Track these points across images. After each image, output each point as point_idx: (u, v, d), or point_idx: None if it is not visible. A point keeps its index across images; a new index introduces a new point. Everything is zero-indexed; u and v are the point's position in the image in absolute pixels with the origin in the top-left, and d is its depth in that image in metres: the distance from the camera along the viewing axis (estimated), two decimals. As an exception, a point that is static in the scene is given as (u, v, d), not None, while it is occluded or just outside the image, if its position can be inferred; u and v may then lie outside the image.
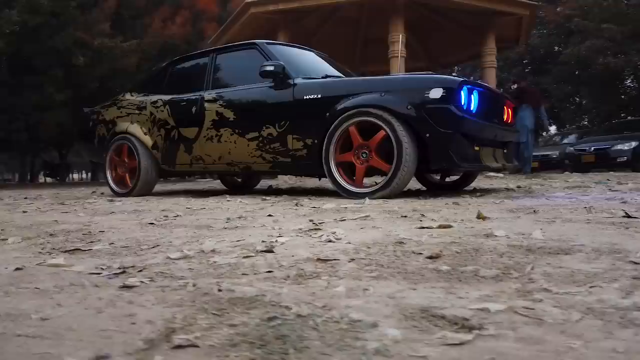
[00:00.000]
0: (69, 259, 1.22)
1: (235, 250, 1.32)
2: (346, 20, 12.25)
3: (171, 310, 0.75)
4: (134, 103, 5.08)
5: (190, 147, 4.57)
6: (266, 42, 4.48)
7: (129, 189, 4.92)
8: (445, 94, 3.37)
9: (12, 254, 1.32)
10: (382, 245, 1.29)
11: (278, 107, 4.04)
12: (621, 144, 11.55)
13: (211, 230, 1.78)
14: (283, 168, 4.13)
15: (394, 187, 3.46)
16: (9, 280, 0.97)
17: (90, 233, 1.81)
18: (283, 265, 1.07)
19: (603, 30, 14.58)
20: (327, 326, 0.65)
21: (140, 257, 1.26)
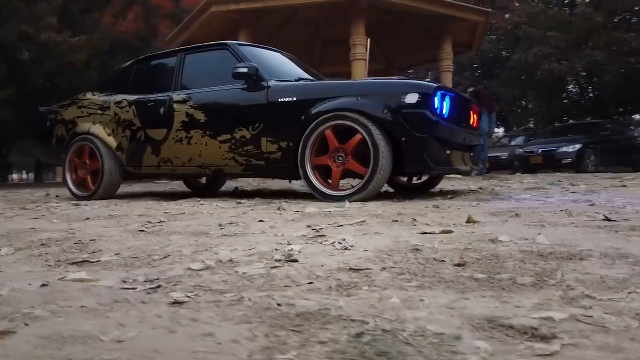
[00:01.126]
0: (88, 272, 1.17)
1: (254, 259, 1.31)
2: (306, 21, 12.28)
3: (245, 327, 0.74)
4: (96, 103, 4.90)
5: (157, 148, 4.45)
6: (237, 43, 4.44)
7: (90, 191, 4.74)
8: (421, 99, 3.45)
9: (21, 267, 1.25)
10: (400, 252, 1.32)
11: (251, 109, 4.01)
12: (566, 147, 12.16)
13: (211, 238, 1.75)
14: (256, 171, 4.10)
15: (370, 190, 3.51)
16: (43, 298, 0.92)
17: (82, 242, 1.74)
18: (319, 275, 1.07)
19: (548, 37, 15.30)
20: (417, 340, 0.66)
21: (158, 269, 1.23)
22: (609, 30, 15.17)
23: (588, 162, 12.04)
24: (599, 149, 12.33)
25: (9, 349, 0.67)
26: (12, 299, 0.92)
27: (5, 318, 0.79)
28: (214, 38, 9.59)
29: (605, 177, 7.94)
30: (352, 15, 9.55)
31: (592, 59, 15.02)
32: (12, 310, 0.84)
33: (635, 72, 15.56)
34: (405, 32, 11.80)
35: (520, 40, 16.59)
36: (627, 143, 13.44)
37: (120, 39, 17.79)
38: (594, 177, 7.74)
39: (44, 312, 0.82)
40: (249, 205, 3.49)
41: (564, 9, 17.50)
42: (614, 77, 15.21)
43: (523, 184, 6.10)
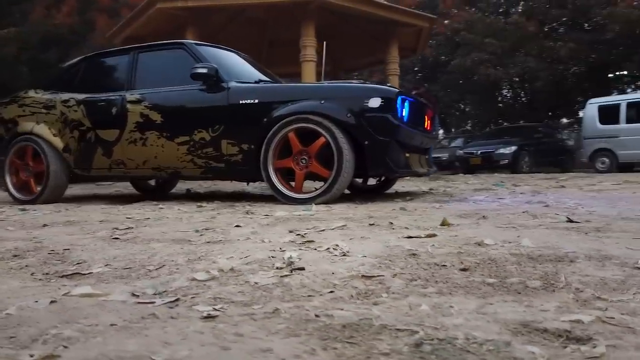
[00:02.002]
0: (93, 287, 1.11)
1: (255, 267, 1.29)
2: (253, 21, 12.17)
3: (296, 340, 0.73)
4: (40, 101, 4.63)
5: (109, 150, 4.28)
6: (194, 43, 4.34)
7: (34, 195, 4.48)
8: (384, 103, 3.53)
9: (10, 282, 1.17)
10: (399, 257, 1.35)
11: (211, 111, 3.94)
12: (503, 148, 12.81)
13: (196, 245, 1.71)
14: (216, 173, 4.03)
15: (334, 192, 3.55)
16: (59, 316, 0.87)
17: (56, 252, 1.65)
18: (336, 284, 1.08)
19: (486, 44, 16.03)
20: (474, 348, 0.69)
21: (160, 280, 1.19)
22: (540, 39, 16.10)
23: (523, 163, 12.74)
24: (532, 150, 13.08)
25: None
26: (27, 318, 0.86)
27: (36, 340, 0.74)
28: (159, 35, 9.33)
29: (541, 177, 8.44)
30: (301, 17, 9.58)
31: (525, 66, 15.89)
32: (37, 331, 0.79)
33: (563, 79, 16.62)
34: (352, 35, 11.97)
35: (460, 46, 17.26)
36: (556, 145, 14.34)
37: (54, 33, 16.87)
38: (531, 178, 8.21)
39: (74, 333, 0.77)
40: (212, 208, 3.43)
41: (499, 17, 18.39)
42: (545, 84, 16.17)
43: (469, 185, 6.37)
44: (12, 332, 0.78)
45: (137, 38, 9.42)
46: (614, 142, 11.72)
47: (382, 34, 10.81)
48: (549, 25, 17.52)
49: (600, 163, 12.03)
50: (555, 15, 16.33)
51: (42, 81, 5.00)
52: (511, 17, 16.97)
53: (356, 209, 3.07)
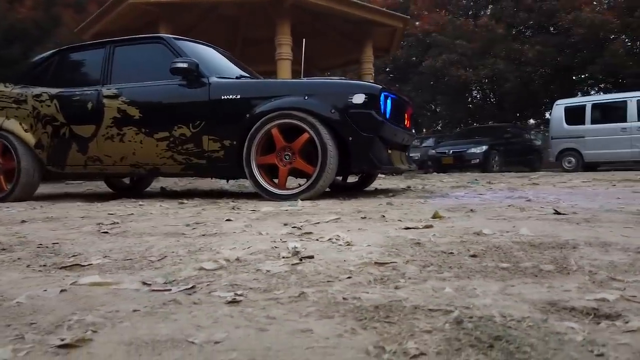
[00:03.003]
0: (101, 276, 1.07)
1: (261, 257, 1.27)
2: (226, 19, 12.05)
3: (334, 322, 0.72)
4: (10, 96, 4.46)
5: (85, 146, 4.15)
6: (173, 37, 4.26)
7: (4, 193, 4.31)
8: (368, 100, 3.54)
9: (9, 274, 1.11)
10: (404, 246, 1.35)
11: (192, 107, 3.87)
12: (474, 148, 13.06)
13: (192, 238, 1.67)
14: (197, 170, 3.96)
15: (318, 188, 3.53)
16: (74, 304, 0.83)
17: (44, 246, 1.59)
18: (351, 270, 1.07)
19: (456, 45, 16.31)
20: (515, 324, 0.69)
21: (166, 270, 1.16)
22: (509, 42, 16.49)
23: (493, 162, 13.01)
24: (502, 150, 13.37)
25: (101, 357, 0.60)
26: (40, 306, 0.82)
27: (59, 326, 0.71)
28: (129, 31, 9.12)
29: (513, 176, 8.64)
30: (276, 15, 9.54)
31: (495, 67, 16.24)
32: (55, 318, 0.75)
33: (530, 81, 17.06)
34: (327, 34, 11.99)
35: (431, 47, 17.51)
36: (525, 145, 14.71)
37: (18, 28, 16.30)
38: (503, 176, 8.39)
39: (97, 319, 0.74)
40: (194, 205, 3.37)
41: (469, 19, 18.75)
42: (514, 85, 16.57)
43: (445, 183, 6.46)
44: (30, 319, 0.74)
45: (107, 33, 9.20)
46: (579, 142, 12.09)
47: (356, 34, 10.87)
48: (516, 29, 17.97)
49: (567, 162, 12.38)
50: (523, 19, 16.74)
51: (11, 75, 4.80)
52: (480, 20, 17.31)
53: (342, 204, 3.07)
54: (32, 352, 0.61)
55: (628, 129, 11.42)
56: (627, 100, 11.63)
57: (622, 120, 11.57)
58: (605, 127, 11.78)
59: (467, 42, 16.06)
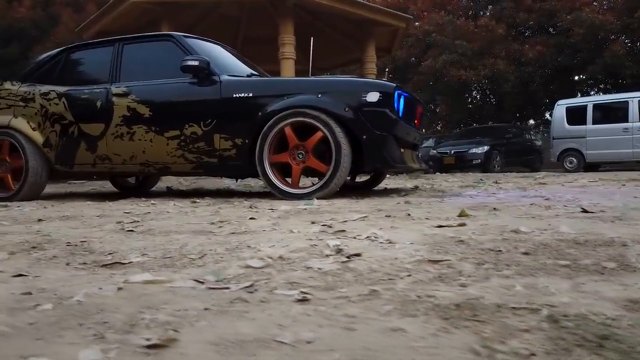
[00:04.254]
0: (152, 274, 1.04)
1: (304, 255, 1.24)
2: (226, 18, 12.00)
3: (420, 320, 0.69)
4: (17, 94, 4.41)
5: (94, 145, 4.11)
6: (182, 35, 4.22)
7: (11, 192, 4.26)
8: (382, 98, 3.51)
9: (54, 272, 1.08)
10: (449, 244, 1.32)
11: (203, 105, 3.84)
12: (476, 148, 13.05)
13: (223, 236, 1.64)
14: (208, 169, 3.92)
15: (332, 187, 3.50)
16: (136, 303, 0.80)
17: (73, 244, 1.56)
18: (407, 267, 1.04)
19: (456, 45, 16.31)
20: (614, 323, 0.66)
21: (210, 268, 1.12)
22: (509, 42, 16.50)
23: (495, 162, 13.01)
24: (503, 150, 13.38)
25: (192, 357, 0.57)
26: (102, 305, 0.79)
27: (135, 325, 0.68)
28: (131, 29, 9.07)
29: (517, 176, 8.63)
30: (279, 14, 9.51)
31: (495, 68, 16.25)
32: (125, 317, 0.72)
33: (530, 81, 17.07)
34: (328, 34, 11.97)
35: (431, 47, 17.50)
36: (525, 146, 14.72)
37: (16, 27, 16.22)
38: (506, 177, 8.38)
39: (169, 317, 0.71)
40: (208, 204, 3.34)
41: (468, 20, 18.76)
42: (513, 85, 16.58)
43: (450, 183, 6.43)
44: (99, 318, 0.71)
45: (108, 32, 9.15)
46: (581, 143, 12.11)
47: (358, 34, 10.85)
48: (516, 29, 17.99)
49: (568, 162, 12.40)
50: (523, 19, 16.76)
51: (16, 73, 4.75)
52: (480, 20, 17.32)
53: (358, 203, 3.04)
54: (121, 352, 0.58)
55: (630, 129, 11.44)
56: (628, 101, 11.66)
57: (623, 120, 11.60)
58: (606, 128, 11.81)
59: (466, 43, 16.06)
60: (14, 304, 0.79)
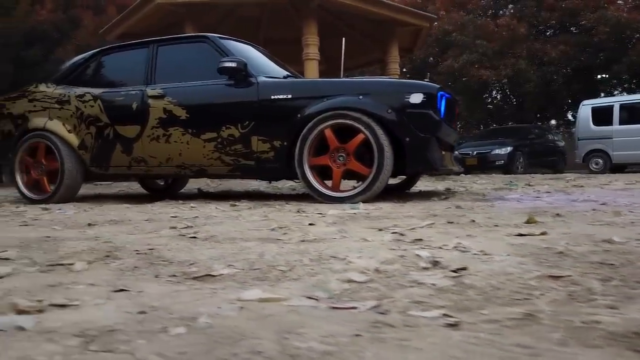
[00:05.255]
0: (262, 290, 0.97)
1: (399, 267, 1.17)
2: (247, 19, 11.99)
3: (608, 353, 0.62)
4: (52, 96, 4.41)
5: (129, 147, 4.09)
6: (217, 36, 4.18)
7: (47, 194, 4.26)
8: (425, 99, 3.43)
9: (153, 286, 1.02)
10: (545, 256, 1.25)
11: (240, 107, 3.79)
12: (499, 149, 12.86)
13: (295, 244, 1.58)
14: (245, 171, 3.87)
15: (374, 191, 3.43)
16: (269, 325, 0.73)
17: (142, 252, 1.50)
18: (531, 284, 0.97)
19: (477, 45, 16.13)
20: None
21: (309, 282, 1.06)
22: (531, 41, 16.27)
23: (518, 164, 12.81)
24: (526, 151, 13.17)
25: None
26: (236, 329, 0.72)
27: (296, 356, 0.61)
28: (154, 31, 9.10)
29: (545, 178, 8.45)
30: (303, 15, 9.47)
31: (516, 67, 16.03)
32: (276, 346, 0.65)
33: (552, 81, 16.82)
34: (349, 35, 11.87)
35: (450, 47, 17.33)
36: (549, 147, 14.48)
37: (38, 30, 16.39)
38: (533, 178, 8.22)
39: (323, 346, 0.64)
40: (249, 207, 3.28)
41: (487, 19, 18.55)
42: (535, 85, 16.34)
43: (481, 185, 6.31)
44: (247, 346, 0.65)
45: (132, 35, 9.19)
46: (607, 143, 11.88)
47: (380, 34, 10.76)
48: (536, 28, 17.75)
49: (594, 164, 12.18)
50: (545, 18, 16.52)
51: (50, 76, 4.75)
52: (501, 19, 17.11)
53: (405, 207, 2.97)
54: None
55: (658, 130, 11.20)
56: (657, 101, 11.41)
57: (651, 120, 11.36)
58: (634, 128, 11.56)
59: (487, 42, 15.87)
60: (139, 327, 0.73)
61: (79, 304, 0.86)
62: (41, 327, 0.73)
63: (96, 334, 0.69)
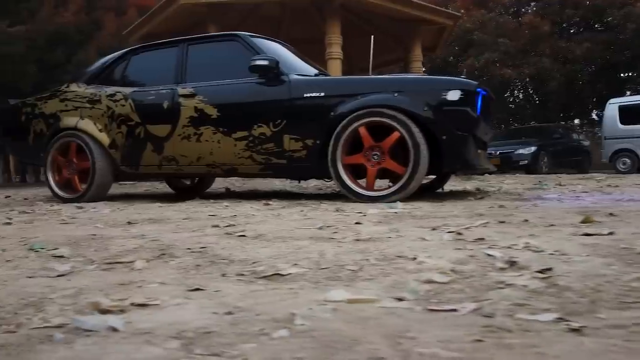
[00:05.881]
0: (349, 291, 0.92)
1: (477, 268, 1.11)
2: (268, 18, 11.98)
3: None
4: (84, 95, 4.43)
5: (160, 146, 4.08)
6: (248, 35, 4.15)
7: (79, 193, 4.28)
8: (464, 97, 3.35)
9: (227, 286, 0.98)
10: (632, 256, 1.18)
11: (272, 105, 3.75)
12: (522, 149, 12.64)
13: (350, 244, 1.53)
14: (276, 170, 3.84)
15: (410, 189, 3.36)
16: (374, 330, 0.68)
17: (195, 250, 1.47)
18: (634, 286, 0.91)
19: (499, 44, 15.92)
20: None
21: (385, 282, 1.01)
22: (555, 39, 16.00)
23: (542, 164, 12.58)
24: (550, 151, 12.92)
25: None
26: (339, 332, 0.68)
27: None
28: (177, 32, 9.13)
29: (574, 178, 8.26)
30: (326, 14, 9.43)
31: (540, 66, 15.77)
32: (394, 352, 0.60)
33: (576, 79, 16.52)
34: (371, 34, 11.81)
35: (472, 46, 17.14)
36: (573, 146, 14.20)
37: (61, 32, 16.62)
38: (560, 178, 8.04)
39: (445, 352, 0.59)
40: (283, 206, 3.24)
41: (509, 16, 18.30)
42: (559, 84, 16.06)
43: (509, 185, 6.19)
44: (363, 351, 0.60)
45: (155, 35, 9.23)
46: (636, 143, 11.61)
47: (404, 32, 10.65)
48: (559, 26, 17.44)
49: (622, 164, 11.92)
50: (569, 15, 16.23)
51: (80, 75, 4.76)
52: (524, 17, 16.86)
53: (446, 207, 2.89)
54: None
55: (689, 129, 10.91)
56: (687, 98, 11.12)
57: (682, 119, 11.07)
58: (663, 127, 11.29)
59: (509, 40, 15.65)
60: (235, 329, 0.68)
61: (159, 303, 0.82)
62: (133, 327, 0.69)
63: (193, 335, 0.65)
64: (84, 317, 0.73)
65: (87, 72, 4.68)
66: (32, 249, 1.53)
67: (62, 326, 0.72)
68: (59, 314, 0.78)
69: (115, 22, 18.82)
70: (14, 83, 15.09)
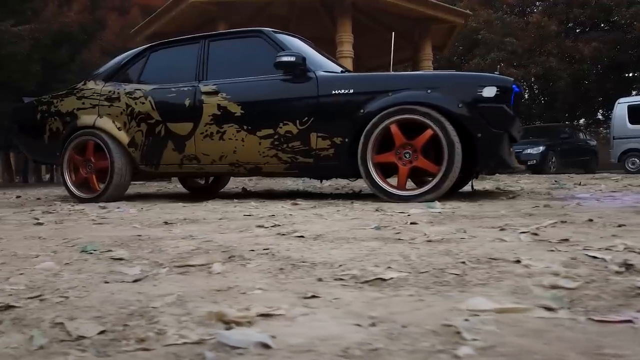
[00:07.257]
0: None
1: (593, 271, 1.02)
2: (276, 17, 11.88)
3: None
4: (102, 93, 4.33)
5: (181, 145, 3.98)
6: (272, 30, 4.05)
7: (96, 193, 4.18)
8: (499, 93, 3.26)
9: (339, 292, 0.89)
10: None
11: (299, 102, 3.65)
12: (531, 149, 12.56)
13: (424, 244, 1.43)
14: (303, 169, 3.74)
15: (443, 189, 3.27)
16: (557, 344, 0.59)
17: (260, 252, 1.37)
18: None
19: (506, 43, 15.83)
20: None
21: (504, 289, 0.91)
22: (562, 39, 15.92)
23: (550, 163, 12.51)
24: (558, 151, 12.84)
25: None
26: (525, 347, 0.58)
27: None
28: (186, 31, 9.03)
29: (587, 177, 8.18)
30: (337, 13, 9.34)
31: (547, 65, 15.68)
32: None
33: (583, 79, 16.44)
34: (380, 33, 11.72)
35: (478, 45, 17.05)
36: (581, 146, 14.13)
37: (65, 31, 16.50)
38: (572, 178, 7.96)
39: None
40: (313, 206, 3.15)
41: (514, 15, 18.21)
42: (566, 84, 15.98)
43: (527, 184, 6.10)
44: None
45: (163, 34, 9.13)
46: (645, 143, 11.54)
47: (414, 31, 10.56)
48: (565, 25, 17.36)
49: (631, 164, 11.85)
50: (577, 14, 16.15)
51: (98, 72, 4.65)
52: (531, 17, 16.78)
53: (483, 207, 2.80)
54: None
55: (700, 129, 10.84)
56: (699, 98, 11.04)
57: (693, 118, 11.00)
58: (674, 127, 11.21)
59: (516, 40, 15.56)
60: (398, 344, 0.59)
61: (283, 313, 0.73)
62: (284, 343, 0.59)
63: (361, 354, 0.55)
64: (227, 332, 0.64)
65: (104, 70, 4.57)
66: (85, 250, 1.43)
67: (203, 342, 0.62)
68: (182, 327, 0.68)
69: (119, 22, 18.74)
70: (18, 82, 14.98)
